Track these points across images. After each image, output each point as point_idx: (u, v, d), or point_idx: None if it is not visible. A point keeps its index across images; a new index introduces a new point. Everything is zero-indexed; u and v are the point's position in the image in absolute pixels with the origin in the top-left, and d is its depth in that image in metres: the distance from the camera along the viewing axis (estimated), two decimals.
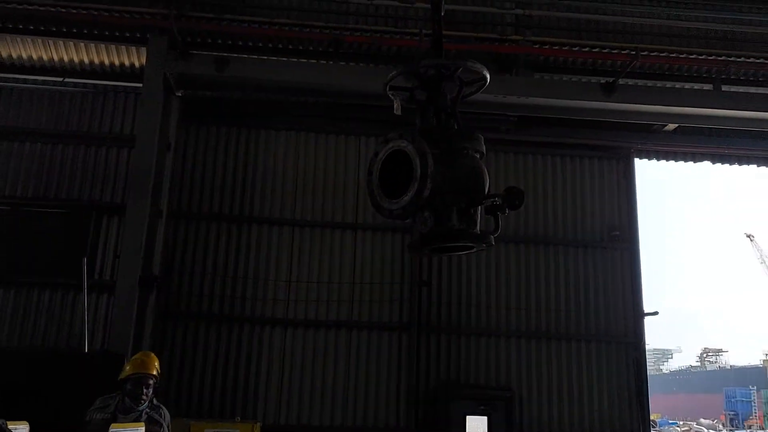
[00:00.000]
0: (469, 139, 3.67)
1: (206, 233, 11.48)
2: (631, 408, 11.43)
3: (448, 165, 3.47)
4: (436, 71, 3.78)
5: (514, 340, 11.57)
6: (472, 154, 3.66)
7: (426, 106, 3.76)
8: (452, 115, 3.77)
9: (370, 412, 10.99)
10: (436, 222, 3.55)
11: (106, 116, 11.53)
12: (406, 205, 3.37)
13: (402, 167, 3.37)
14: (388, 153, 3.51)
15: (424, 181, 3.26)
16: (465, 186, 3.55)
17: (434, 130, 3.66)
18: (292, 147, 11.95)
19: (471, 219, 3.62)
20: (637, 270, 11.97)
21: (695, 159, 12.58)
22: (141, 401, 4.90)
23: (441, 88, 3.76)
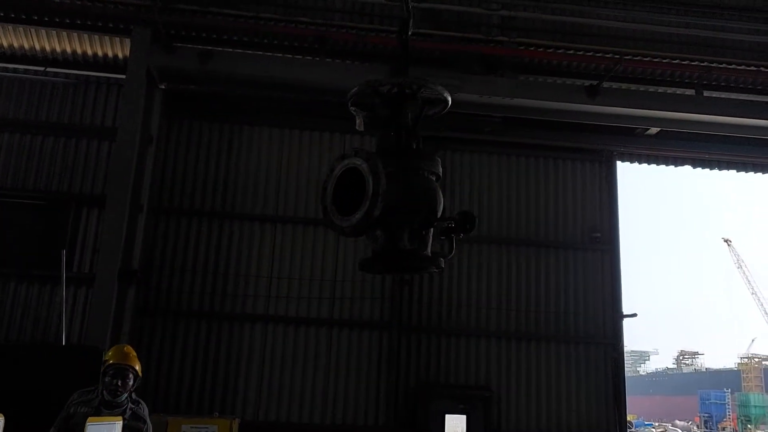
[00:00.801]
0: (426, 160, 3.67)
1: (187, 228, 11.39)
2: (608, 409, 11.53)
3: (403, 185, 3.46)
4: (398, 90, 3.76)
5: (494, 340, 11.62)
6: (428, 175, 3.66)
7: (387, 124, 3.74)
8: (413, 134, 3.75)
9: (349, 410, 10.98)
10: (388, 241, 3.55)
11: (87, 107, 11.40)
12: (357, 223, 3.33)
13: (357, 185, 3.34)
14: (343, 170, 3.47)
15: (375, 200, 3.23)
16: (418, 207, 3.55)
17: (392, 148, 3.65)
18: (275, 143, 11.90)
19: (422, 240, 3.61)
20: (617, 272, 12.08)
21: (676, 163, 12.72)
22: (118, 393, 4.79)
23: (403, 107, 3.74)
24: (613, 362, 11.72)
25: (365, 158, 3.35)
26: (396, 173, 3.43)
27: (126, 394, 4.86)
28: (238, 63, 10.46)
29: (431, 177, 3.68)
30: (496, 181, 12.25)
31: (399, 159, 3.56)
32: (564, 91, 11.08)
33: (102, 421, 4.03)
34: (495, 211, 12.13)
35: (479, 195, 12.12)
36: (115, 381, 4.80)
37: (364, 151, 3.39)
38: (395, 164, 3.48)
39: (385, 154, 3.52)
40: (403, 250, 3.57)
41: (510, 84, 10.88)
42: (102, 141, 11.23)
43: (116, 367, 4.85)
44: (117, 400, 4.79)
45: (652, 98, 11.19)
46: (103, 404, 4.78)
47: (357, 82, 3.99)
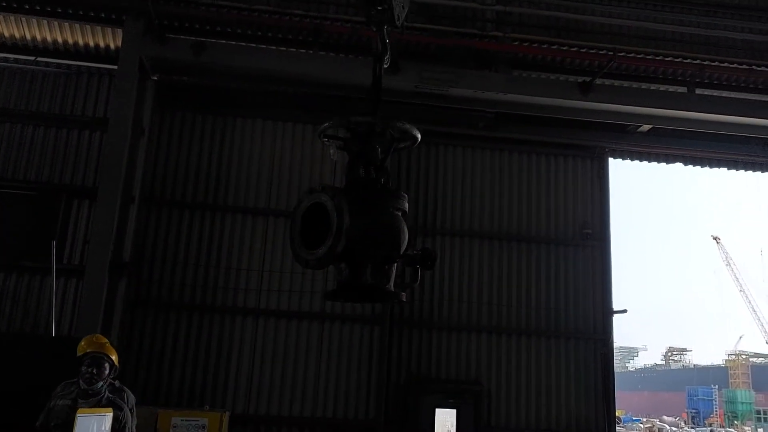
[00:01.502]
0: (392, 197, 3.77)
1: (179, 221, 11.35)
2: (597, 403, 11.61)
3: (367, 221, 3.57)
4: (367, 128, 3.86)
5: (484, 335, 11.66)
6: (393, 212, 3.75)
7: (356, 158, 3.84)
8: (381, 169, 3.84)
9: (340, 404, 10.99)
10: (352, 274, 3.67)
11: (78, 98, 11.31)
12: (321, 257, 3.46)
13: (323, 219, 3.46)
14: (310, 204, 3.59)
15: (338, 237, 3.35)
16: (381, 243, 3.66)
17: (359, 184, 3.77)
18: (268, 136, 11.86)
19: (385, 275, 3.73)
20: (608, 268, 12.14)
21: (668, 160, 12.77)
22: (93, 381, 4.83)
23: (372, 143, 3.83)
24: (603, 358, 11.78)
25: (331, 195, 3.48)
26: (361, 210, 3.54)
27: (102, 383, 4.91)
28: (232, 55, 10.41)
29: (397, 213, 3.77)
30: (489, 177, 12.27)
31: (365, 195, 3.67)
32: (557, 87, 11.10)
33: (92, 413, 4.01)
34: (487, 207, 12.15)
35: (471, 190, 12.14)
36: (90, 369, 4.86)
37: (330, 187, 3.52)
38: (361, 200, 3.59)
39: (352, 190, 3.67)
40: (365, 284, 3.70)
41: (503, 79, 10.88)
42: (93, 132, 11.15)
43: (91, 356, 4.92)
44: (93, 388, 4.83)
45: (644, 95, 11.23)
46: (80, 395, 4.81)
47: (351, 76, 4.06)
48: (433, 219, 11.84)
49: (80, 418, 3.66)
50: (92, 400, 4.69)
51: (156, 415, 9.25)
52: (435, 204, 11.97)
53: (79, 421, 3.61)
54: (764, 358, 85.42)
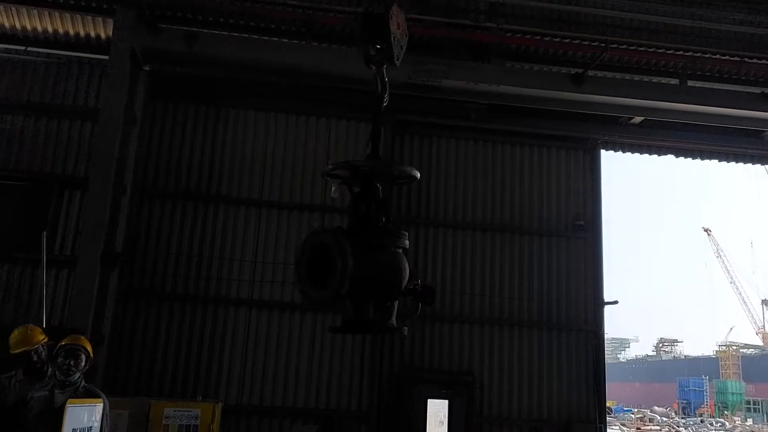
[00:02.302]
0: (392, 236, 3.90)
1: (171, 211, 11.32)
2: (588, 394, 11.68)
3: (368, 261, 3.72)
4: (369, 170, 4.02)
5: (477, 326, 11.70)
6: (394, 250, 3.89)
7: (358, 197, 3.98)
8: (382, 208, 3.98)
9: (333, 394, 11.02)
10: (355, 311, 3.85)
11: (69, 88, 11.24)
12: (327, 298, 3.65)
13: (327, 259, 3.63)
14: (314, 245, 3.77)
15: (342, 279, 3.51)
16: (381, 282, 3.80)
17: (361, 223, 3.91)
18: (261, 127, 11.83)
19: (387, 311, 3.88)
20: (599, 260, 12.20)
21: (660, 152, 12.82)
22: (70, 372, 4.89)
23: (373, 183, 3.98)
24: (594, 349, 11.86)
25: (334, 237, 3.64)
26: (362, 249, 3.69)
27: (79, 374, 4.96)
28: (224, 45, 10.37)
29: (398, 251, 3.91)
30: (481, 168, 12.29)
31: (367, 235, 3.82)
32: (549, 78, 11.11)
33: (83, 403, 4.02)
34: (479, 198, 12.17)
35: (464, 182, 12.15)
36: (67, 361, 4.92)
37: (333, 229, 3.68)
38: (363, 240, 3.75)
39: (354, 229, 3.83)
40: (368, 320, 3.88)
41: (496, 71, 10.89)
42: (85, 122, 11.09)
43: (68, 348, 4.98)
44: (70, 379, 4.88)
45: (636, 87, 11.25)
46: (56, 385, 4.87)
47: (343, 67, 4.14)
48: (426, 210, 11.86)
49: (70, 408, 3.66)
50: (68, 390, 4.74)
51: (149, 405, 9.24)
52: (427, 195, 11.98)
53: (69, 411, 3.61)
54: (754, 349, 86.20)
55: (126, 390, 10.30)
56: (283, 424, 10.70)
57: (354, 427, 10.79)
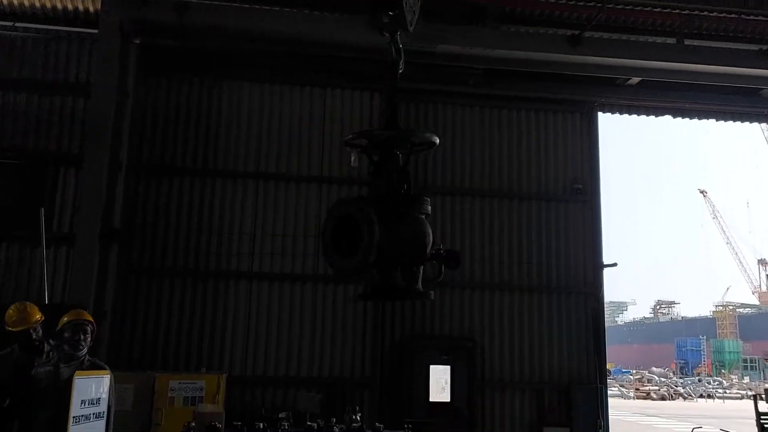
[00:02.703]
0: (415, 203, 3.94)
1: (168, 186, 11.27)
2: (588, 356, 11.78)
3: (394, 230, 3.74)
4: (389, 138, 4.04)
5: (477, 291, 11.75)
6: (418, 216, 3.92)
7: (379, 167, 4.00)
8: (403, 176, 4.01)
9: (336, 363, 11.11)
10: (382, 277, 3.91)
11: (60, 63, 11.09)
12: (355, 268, 3.69)
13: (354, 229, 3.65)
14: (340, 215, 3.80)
15: (369, 248, 3.54)
16: (407, 249, 3.83)
17: (384, 192, 3.95)
18: (255, 99, 11.72)
19: (413, 276, 3.94)
20: (598, 222, 12.22)
21: (657, 113, 12.76)
22: (80, 347, 4.91)
23: (393, 151, 4.00)
24: (594, 311, 11.94)
25: (359, 207, 3.68)
26: (387, 218, 3.70)
27: (86, 348, 4.98)
28: (215, 15, 10.18)
29: (421, 217, 3.94)
30: (478, 134, 12.23)
31: (391, 204, 3.85)
32: (546, 41, 10.97)
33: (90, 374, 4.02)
34: (477, 164, 12.13)
35: (461, 148, 12.09)
36: (76, 336, 4.93)
37: (358, 199, 3.80)
38: (387, 209, 3.77)
39: (377, 199, 3.86)
40: (396, 286, 3.94)
41: (492, 34, 10.76)
42: (77, 98, 10.96)
43: (75, 323, 4.99)
44: (79, 353, 4.91)
45: (633, 47, 11.14)
46: (61, 359, 4.88)
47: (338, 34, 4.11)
48: (423, 177, 11.80)
49: (78, 380, 3.66)
50: (74, 364, 4.76)
51: (153, 379, 9.33)
52: (425, 163, 11.92)
53: (77, 383, 3.61)
54: (751, 309, 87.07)
55: (130, 365, 10.36)
56: (288, 393, 10.79)
57: (357, 394, 10.89)
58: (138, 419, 9.01)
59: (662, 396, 41.87)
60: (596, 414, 11.35)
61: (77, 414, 3.57)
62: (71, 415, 3.50)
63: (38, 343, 5.12)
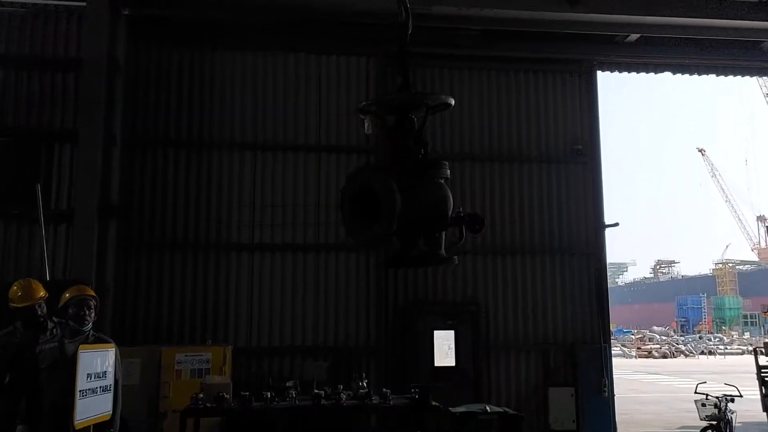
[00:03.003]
0: (435, 167, 3.89)
1: (164, 159, 11.15)
2: (592, 317, 11.80)
3: (415, 197, 3.69)
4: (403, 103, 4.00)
5: (480, 256, 11.72)
6: (437, 181, 3.88)
7: (395, 132, 3.93)
8: (420, 140, 3.95)
9: (340, 331, 11.13)
10: (404, 245, 3.88)
11: (48, 38, 10.85)
12: (376, 237, 3.65)
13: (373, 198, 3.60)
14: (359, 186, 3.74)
15: (391, 218, 3.50)
16: (429, 215, 3.80)
17: (401, 159, 3.88)
18: (249, 68, 11.53)
19: (436, 242, 3.92)
20: (599, 183, 12.14)
21: (656, 70, 12.57)
22: (85, 322, 4.95)
23: (408, 115, 3.94)
24: (596, 272, 11.93)
25: (379, 177, 3.62)
26: (407, 185, 3.66)
27: (91, 323, 5.02)
28: None
29: (441, 182, 3.90)
30: (477, 97, 12.07)
31: (409, 170, 3.78)
32: None
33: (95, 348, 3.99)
34: (476, 128, 12.00)
35: (459, 112, 11.93)
36: (81, 312, 4.97)
37: (376, 167, 3.79)
38: (406, 175, 3.72)
39: (396, 166, 3.79)
40: (419, 253, 3.93)
41: None
42: (68, 72, 10.76)
43: (78, 299, 5.02)
44: (84, 328, 4.94)
45: (632, 3, 10.91)
46: (65, 335, 4.91)
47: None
48: None
49: (83, 354, 3.62)
50: (79, 339, 4.77)
51: (159, 352, 9.35)
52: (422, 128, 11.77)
53: (82, 357, 3.58)
54: (750, 265, 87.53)
55: (135, 340, 10.38)
56: (294, 363, 10.83)
57: (363, 361, 10.93)
58: (146, 393, 9.06)
59: (664, 354, 42.30)
60: (601, 373, 11.42)
61: (84, 388, 3.55)
62: (78, 389, 3.48)
63: (42, 319, 5.10)
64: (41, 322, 5.08)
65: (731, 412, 9.34)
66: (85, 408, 3.57)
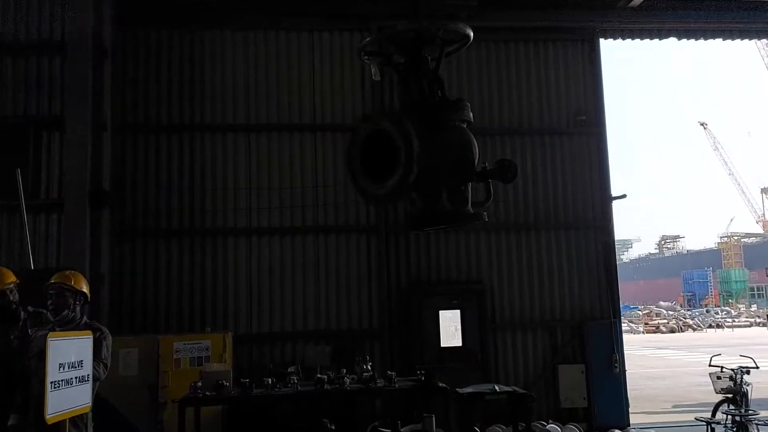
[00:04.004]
0: (455, 109, 3.38)
1: (156, 144, 10.86)
2: (601, 291, 11.52)
3: (435, 142, 3.18)
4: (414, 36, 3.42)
5: (483, 233, 11.43)
6: (459, 125, 3.38)
7: (407, 74, 3.43)
8: (435, 81, 3.48)
9: (343, 315, 10.88)
10: (425, 202, 3.34)
11: (32, 22, 10.50)
12: (392, 191, 3.13)
13: (386, 148, 3.07)
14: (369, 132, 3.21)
15: (409, 166, 3.00)
16: (453, 164, 3.30)
17: (418, 103, 3.35)
18: (240, 48, 11.20)
19: (462, 197, 3.43)
20: (604, 154, 11.80)
21: (660, 35, 12.14)
22: (57, 311, 4.80)
23: (421, 53, 3.44)
24: (604, 245, 11.62)
25: (393, 121, 3.10)
26: (426, 131, 3.15)
27: (67, 311, 4.84)
28: None
29: (462, 126, 3.40)
30: (476, 70, 11.71)
31: (426, 113, 3.26)
32: None
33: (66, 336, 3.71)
34: (476, 102, 11.61)
35: (458, 86, 11.58)
36: (48, 301, 4.87)
37: (391, 113, 3.14)
38: (423, 120, 3.19)
39: (410, 110, 3.26)
40: (444, 210, 3.40)
41: None
42: (53, 57, 10.44)
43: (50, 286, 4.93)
44: (59, 318, 4.78)
45: None
46: (56, 324, 4.75)
47: None
48: None
49: (53, 342, 3.34)
50: (69, 327, 4.59)
51: (157, 341, 9.12)
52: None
53: (51, 345, 3.30)
54: (755, 237, 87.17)
55: (132, 329, 10.15)
56: (296, 348, 10.60)
57: (367, 344, 10.68)
58: (144, 383, 8.83)
59: (671, 329, 42.14)
60: (611, 349, 11.15)
61: (55, 379, 3.29)
62: (48, 380, 3.21)
63: (15, 306, 4.85)
64: (14, 309, 4.84)
65: (747, 384, 9.08)
66: (57, 400, 3.31)
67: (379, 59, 3.54)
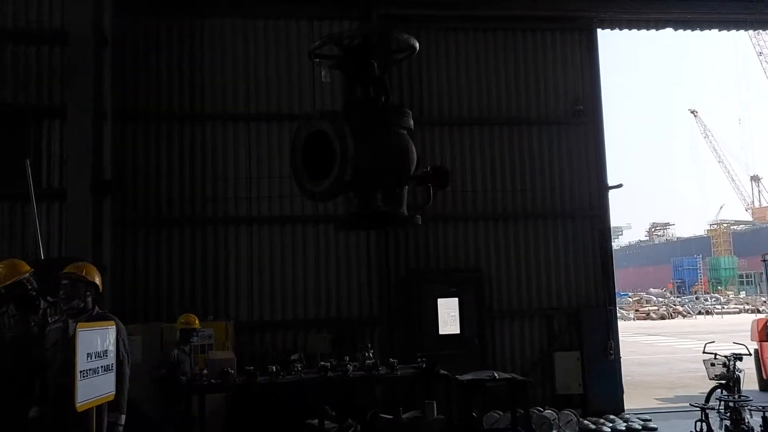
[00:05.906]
0: (396, 114, 3.46)
1: (156, 134, 10.88)
2: (596, 279, 11.68)
3: (373, 145, 3.28)
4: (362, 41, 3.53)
5: (481, 222, 11.56)
6: (399, 130, 3.47)
7: (353, 77, 3.55)
8: (381, 86, 3.56)
9: (343, 303, 10.99)
10: (362, 202, 3.45)
11: (31, 10, 10.40)
12: (328, 189, 3.25)
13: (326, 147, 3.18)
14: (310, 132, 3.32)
15: (344, 165, 3.10)
16: (390, 167, 3.39)
17: (360, 105, 3.46)
18: (239, 36, 11.21)
19: (397, 199, 3.52)
20: (601, 143, 11.93)
21: (657, 26, 12.24)
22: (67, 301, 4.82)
23: (368, 58, 3.52)
24: (600, 233, 11.78)
25: (331, 120, 3.20)
26: (365, 133, 3.25)
27: (77, 300, 4.85)
28: None
29: (402, 132, 3.49)
30: (474, 59, 11.78)
31: (367, 116, 3.37)
32: None
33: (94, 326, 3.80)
34: (474, 91, 11.73)
35: (456, 75, 11.68)
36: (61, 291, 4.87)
37: (329, 112, 3.29)
38: (364, 122, 3.29)
39: (352, 112, 3.36)
40: (378, 211, 3.50)
41: None
42: (53, 46, 10.37)
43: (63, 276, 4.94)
44: (69, 308, 4.81)
45: None
46: (69, 315, 4.79)
47: None
48: (418, 109, 11.39)
49: (82, 332, 3.43)
50: (82, 318, 4.62)
51: (161, 329, 9.19)
52: (420, 93, 11.53)
53: (81, 336, 3.39)
54: (745, 225, 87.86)
55: (135, 318, 10.21)
56: (298, 336, 10.71)
57: (367, 332, 10.81)
58: (148, 371, 8.91)
59: (662, 315, 42.60)
60: (606, 336, 11.34)
61: (84, 368, 3.37)
62: (77, 369, 3.30)
63: (35, 293, 4.91)
64: (33, 296, 4.88)
65: (739, 371, 9.27)
66: (86, 389, 3.39)
67: (330, 62, 3.67)
